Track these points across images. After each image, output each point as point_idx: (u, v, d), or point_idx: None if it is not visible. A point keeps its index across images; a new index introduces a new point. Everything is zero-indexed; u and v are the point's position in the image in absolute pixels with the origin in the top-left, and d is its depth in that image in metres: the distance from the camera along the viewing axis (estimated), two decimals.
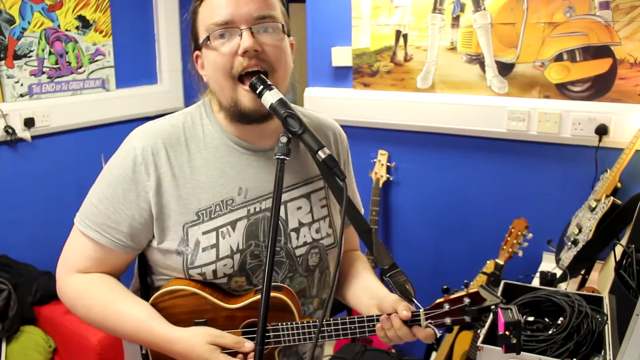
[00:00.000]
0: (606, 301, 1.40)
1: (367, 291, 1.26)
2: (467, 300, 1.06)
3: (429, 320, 1.08)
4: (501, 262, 2.13)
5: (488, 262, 2.18)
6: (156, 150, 1.11)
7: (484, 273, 2.20)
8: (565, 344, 1.26)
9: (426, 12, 2.36)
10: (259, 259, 1.14)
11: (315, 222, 1.22)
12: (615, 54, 2.03)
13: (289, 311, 1.12)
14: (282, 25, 1.12)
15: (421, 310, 1.09)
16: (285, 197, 1.18)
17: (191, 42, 1.14)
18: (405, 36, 2.43)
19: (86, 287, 1.14)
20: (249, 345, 1.05)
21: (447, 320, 1.08)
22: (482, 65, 2.29)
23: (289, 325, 1.10)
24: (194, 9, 1.11)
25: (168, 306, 1.12)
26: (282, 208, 1.17)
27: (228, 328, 1.10)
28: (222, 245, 1.11)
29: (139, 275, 1.22)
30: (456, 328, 2.31)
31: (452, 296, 1.08)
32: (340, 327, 1.11)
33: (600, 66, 2.07)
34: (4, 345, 2.25)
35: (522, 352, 1.25)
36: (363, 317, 1.11)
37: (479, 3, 2.24)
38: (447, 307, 1.07)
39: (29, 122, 2.52)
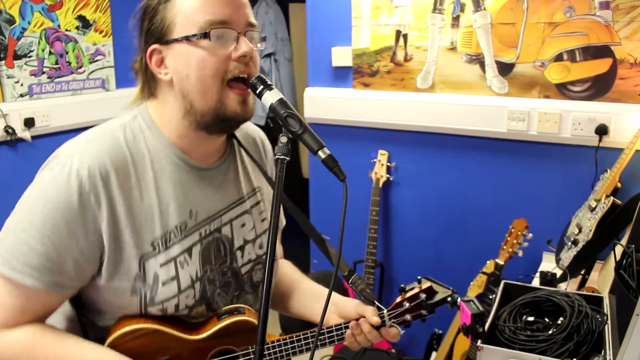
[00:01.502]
0: (606, 301, 1.40)
1: (316, 298, 1.27)
2: (423, 296, 1.14)
3: (392, 320, 1.15)
4: (501, 262, 2.13)
5: (488, 262, 2.18)
6: (105, 172, 0.97)
7: (484, 273, 2.19)
8: (565, 344, 1.26)
9: (426, 12, 2.36)
10: (214, 284, 1.11)
11: (258, 237, 1.21)
12: (615, 54, 2.03)
13: (255, 332, 1.12)
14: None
15: (385, 311, 1.15)
16: (230, 215, 1.14)
17: (145, 34, 1.02)
18: (405, 36, 2.43)
19: (27, 346, 0.97)
20: None
21: (407, 317, 1.15)
22: (482, 65, 2.29)
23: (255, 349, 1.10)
24: None
25: (129, 348, 1.02)
26: (227, 227, 1.14)
27: None
28: (182, 276, 1.05)
29: (79, 315, 1.10)
30: (457, 326, 2.31)
31: (409, 294, 1.15)
32: (310, 339, 1.12)
33: (600, 66, 2.07)
34: None
35: (522, 352, 1.26)
36: (332, 327, 1.14)
37: (479, 3, 2.24)
38: (406, 304, 1.15)
39: (29, 122, 2.52)
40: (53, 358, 0.99)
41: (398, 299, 1.16)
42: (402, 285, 1.18)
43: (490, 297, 2.11)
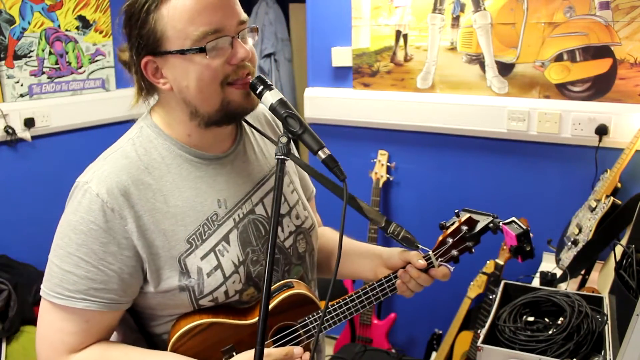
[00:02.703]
0: (606, 301, 1.40)
1: (361, 255, 1.29)
2: (464, 228, 1.15)
3: (440, 259, 1.16)
4: (501, 262, 2.13)
5: (488, 262, 2.18)
6: (123, 189, 0.99)
7: (484, 273, 2.20)
8: (565, 344, 1.26)
9: (426, 12, 2.36)
10: (260, 264, 1.12)
11: (292, 209, 1.21)
12: (615, 54, 2.03)
13: (309, 302, 1.12)
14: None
15: (430, 252, 1.16)
16: (259, 194, 1.15)
17: (134, 44, 0.99)
18: (405, 36, 2.43)
19: None
20: (297, 351, 1.03)
21: (454, 252, 1.15)
22: (482, 65, 2.29)
23: (316, 316, 1.12)
24: (150, 8, 0.95)
25: (190, 347, 1.05)
26: (260, 206, 1.14)
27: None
28: (224, 263, 1.07)
29: (139, 326, 1.13)
30: (457, 326, 2.31)
31: (450, 229, 1.16)
32: (364, 296, 1.14)
33: (600, 66, 2.07)
34: (4, 345, 2.24)
35: (522, 352, 1.26)
36: (382, 280, 1.16)
37: (479, 3, 2.24)
38: (450, 240, 1.15)
39: (29, 122, 2.52)
40: None
41: (441, 237, 1.16)
42: (442, 223, 1.19)
43: (490, 297, 2.11)
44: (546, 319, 1.38)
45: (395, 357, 2.28)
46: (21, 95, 2.53)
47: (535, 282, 1.86)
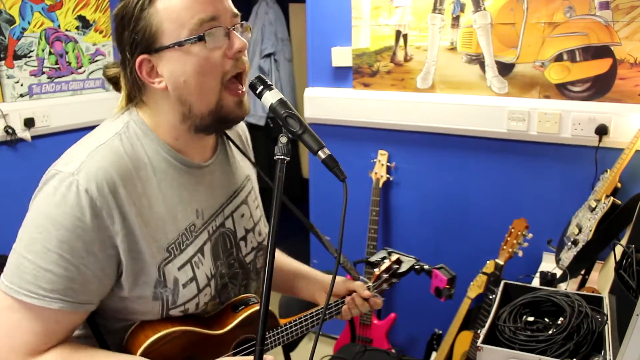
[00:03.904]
0: (606, 301, 1.40)
1: (303, 277, 1.40)
2: (395, 267, 1.39)
3: (375, 290, 1.36)
4: (501, 262, 2.13)
5: (488, 262, 2.18)
6: (113, 187, 0.94)
7: (484, 273, 2.19)
8: (565, 344, 1.25)
9: (426, 12, 2.36)
10: (224, 277, 1.14)
11: (256, 225, 1.24)
12: (615, 54, 2.03)
13: (272, 317, 1.22)
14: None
15: (370, 284, 1.35)
16: (230, 207, 1.16)
17: (130, 45, 0.97)
18: (405, 36, 2.43)
19: None
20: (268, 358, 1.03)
21: (385, 285, 1.38)
22: (482, 66, 2.29)
23: (276, 331, 1.22)
24: (144, 5, 0.94)
25: (160, 353, 1.03)
26: (230, 220, 1.15)
27: (220, 354, 1.11)
28: (199, 275, 1.07)
29: (89, 323, 1.08)
30: (457, 326, 2.31)
31: (384, 266, 1.38)
32: (316, 317, 1.26)
33: (600, 66, 2.07)
34: None
35: (522, 352, 1.26)
36: (331, 305, 1.31)
37: (479, 3, 2.24)
38: (384, 276, 1.37)
39: (29, 122, 2.52)
40: None
41: (377, 272, 1.37)
42: (371, 260, 1.40)
43: (490, 297, 2.11)
44: (546, 319, 1.37)
45: (395, 357, 2.28)
46: (21, 95, 2.53)
47: (535, 282, 1.85)
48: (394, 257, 1.39)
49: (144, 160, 1.01)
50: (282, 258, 1.44)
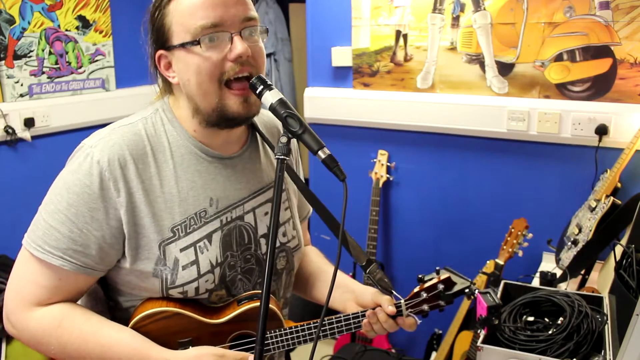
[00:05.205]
0: (606, 301, 1.40)
1: (336, 286, 1.25)
2: (441, 287, 1.14)
3: (410, 310, 1.15)
4: (501, 262, 2.13)
5: (488, 262, 2.18)
6: (124, 162, 1.02)
7: (484, 273, 2.20)
8: (565, 344, 1.26)
9: (426, 12, 2.36)
10: (235, 270, 1.14)
11: (281, 225, 1.23)
12: (615, 54, 2.03)
13: (274, 318, 1.14)
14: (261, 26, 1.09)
15: (402, 301, 1.16)
16: (252, 203, 1.16)
17: (151, 40, 1.07)
18: (405, 36, 2.43)
19: (56, 321, 1.04)
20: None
21: (425, 307, 1.15)
22: (482, 65, 2.29)
23: (278, 333, 1.14)
24: (162, 4, 1.03)
25: (151, 329, 1.06)
26: (250, 215, 1.16)
27: (214, 344, 1.09)
28: (201, 261, 1.08)
29: (107, 297, 1.15)
30: (457, 326, 2.31)
31: (427, 284, 1.15)
32: (329, 327, 1.14)
33: (600, 66, 2.07)
34: (4, 345, 2.24)
35: (522, 352, 1.26)
36: (349, 315, 1.15)
37: (479, 3, 2.24)
38: (424, 295, 1.14)
39: (29, 122, 2.52)
40: (78, 333, 1.04)
41: (416, 289, 1.16)
42: (421, 276, 1.18)
43: None
44: (546, 319, 1.38)
45: (395, 357, 2.28)
46: (21, 95, 2.53)
47: (535, 282, 1.86)
48: (444, 275, 1.15)
49: (164, 144, 1.08)
50: (323, 266, 1.37)
